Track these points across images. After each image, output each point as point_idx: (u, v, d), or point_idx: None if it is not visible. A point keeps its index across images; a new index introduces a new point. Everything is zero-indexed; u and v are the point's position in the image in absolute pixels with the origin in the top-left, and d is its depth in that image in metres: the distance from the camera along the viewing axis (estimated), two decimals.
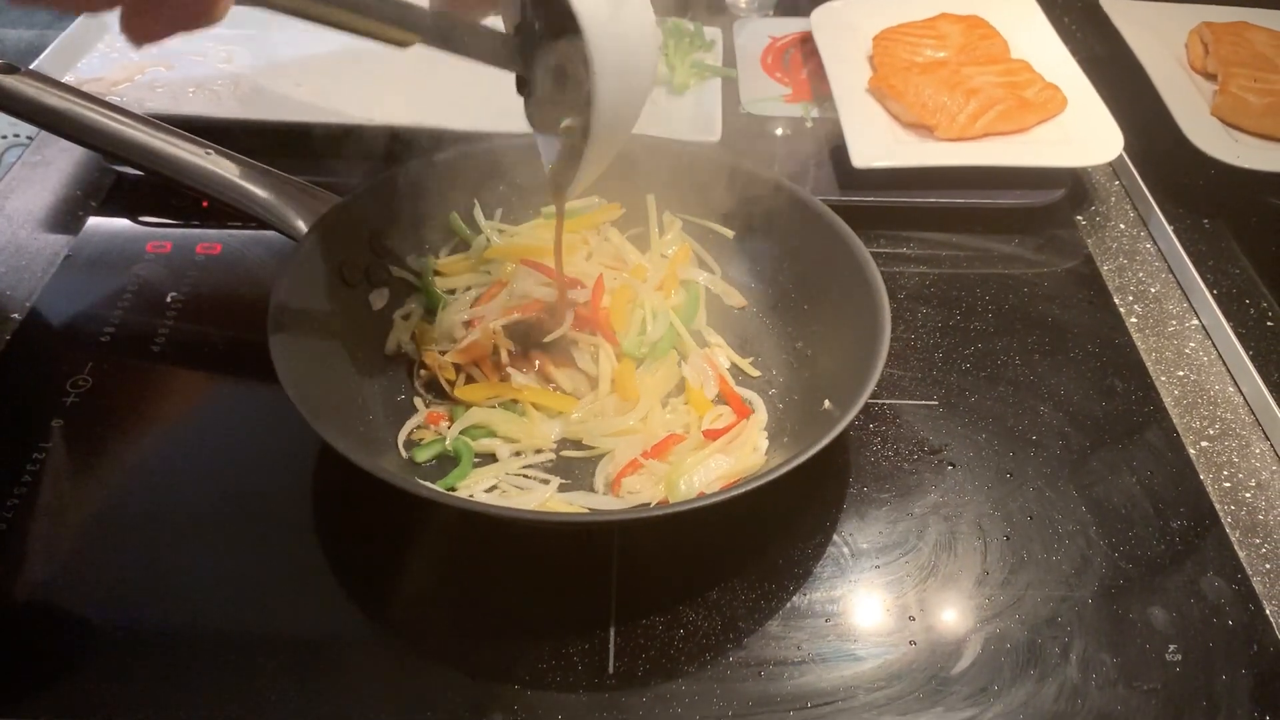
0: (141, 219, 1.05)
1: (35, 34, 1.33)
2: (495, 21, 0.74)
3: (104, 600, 0.73)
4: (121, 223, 1.05)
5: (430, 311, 0.91)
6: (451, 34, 0.67)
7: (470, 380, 0.88)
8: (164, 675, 0.69)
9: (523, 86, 0.75)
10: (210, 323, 0.95)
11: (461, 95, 1.04)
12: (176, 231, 1.04)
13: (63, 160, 1.14)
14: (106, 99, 0.88)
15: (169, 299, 0.96)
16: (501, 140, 0.95)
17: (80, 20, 1.20)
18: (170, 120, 0.89)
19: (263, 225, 0.86)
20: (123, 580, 0.75)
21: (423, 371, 0.88)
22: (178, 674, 0.69)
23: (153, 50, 1.18)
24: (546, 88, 0.73)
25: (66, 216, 1.07)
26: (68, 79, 1.10)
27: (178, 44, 0.56)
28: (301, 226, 0.84)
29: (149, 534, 0.77)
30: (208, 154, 0.86)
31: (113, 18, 0.54)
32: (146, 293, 0.97)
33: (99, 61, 1.16)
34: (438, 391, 0.87)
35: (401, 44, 0.65)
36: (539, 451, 0.84)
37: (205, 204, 1.04)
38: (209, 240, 1.03)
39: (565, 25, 0.67)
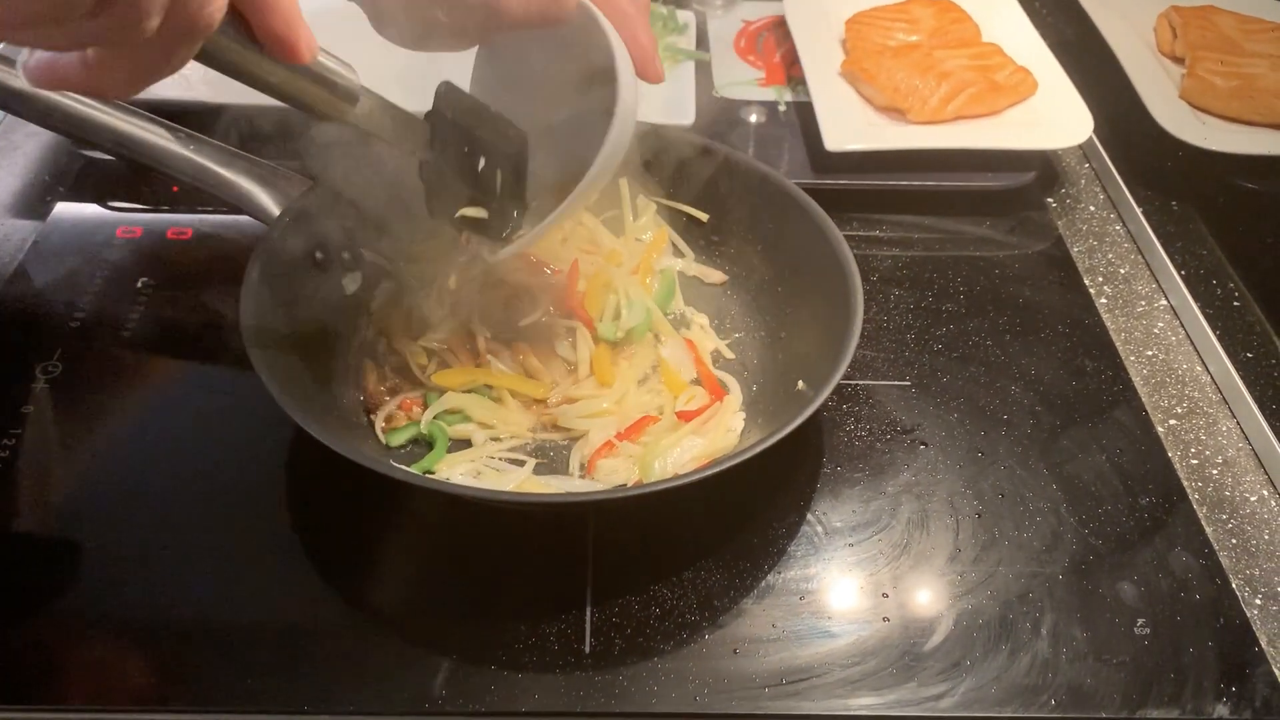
0: (111, 204, 1.04)
1: None
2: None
3: (75, 588, 0.73)
4: (90, 208, 1.04)
5: (403, 296, 0.91)
6: (372, 113, 0.69)
7: (443, 366, 0.88)
8: (138, 663, 0.69)
9: (424, 171, 0.75)
10: (181, 307, 0.94)
11: (436, 80, 1.04)
12: (147, 216, 1.03)
13: (30, 145, 1.13)
14: None
15: (139, 284, 0.96)
16: None
17: None
18: (139, 104, 0.88)
19: (234, 209, 0.86)
20: (94, 568, 0.74)
21: (393, 357, 0.88)
22: (153, 661, 0.69)
23: None
24: (453, 172, 0.75)
25: (34, 201, 1.06)
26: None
27: None
28: (274, 210, 0.84)
29: (121, 521, 0.77)
30: (178, 138, 0.85)
31: None
32: (117, 278, 0.96)
33: None
34: (409, 377, 0.87)
35: (331, 118, 0.66)
36: (514, 436, 0.84)
37: (176, 188, 1.04)
38: (180, 225, 1.02)
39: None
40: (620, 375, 0.86)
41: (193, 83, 1.11)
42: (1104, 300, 1.03)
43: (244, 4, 0.53)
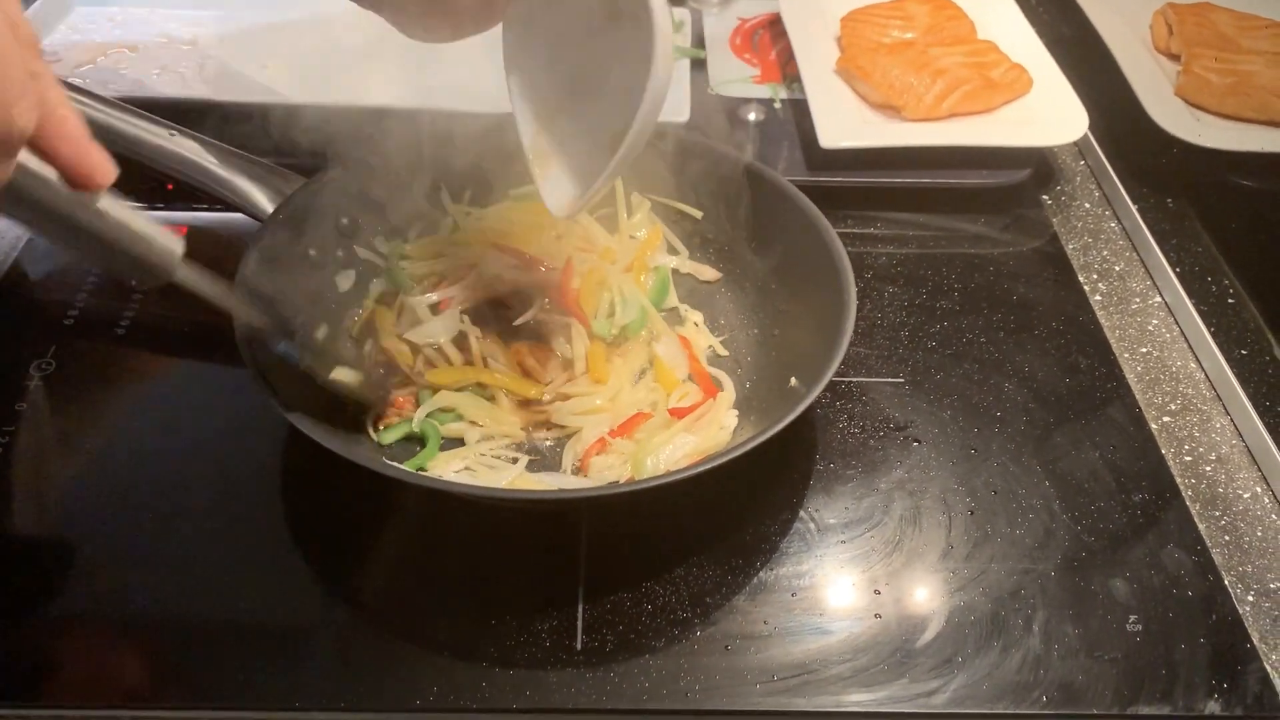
0: None
1: None
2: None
3: (68, 585, 0.73)
4: None
5: (396, 294, 0.91)
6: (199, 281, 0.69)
7: (430, 365, 0.87)
8: (131, 660, 0.69)
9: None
10: (175, 305, 0.94)
11: (430, 76, 1.04)
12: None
13: None
14: (69, 80, 0.87)
15: (134, 281, 0.95)
16: (469, 120, 0.94)
17: (41, 1, 1.19)
18: (134, 102, 0.88)
19: (229, 207, 0.86)
20: (88, 565, 0.74)
21: (380, 356, 0.88)
22: (146, 658, 0.69)
23: (116, 31, 1.17)
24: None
25: None
26: None
27: (141, 25, 0.55)
28: (267, 208, 0.84)
29: (114, 518, 0.77)
30: (172, 135, 0.85)
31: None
32: (111, 275, 0.96)
33: (61, 43, 1.15)
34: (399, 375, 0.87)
35: (155, 276, 0.65)
36: (506, 435, 0.84)
37: (170, 186, 1.03)
38: (174, 223, 1.02)
39: None
40: (614, 372, 0.86)
41: (189, 80, 1.11)
42: (1098, 297, 1.03)
43: (32, 134, 0.52)
